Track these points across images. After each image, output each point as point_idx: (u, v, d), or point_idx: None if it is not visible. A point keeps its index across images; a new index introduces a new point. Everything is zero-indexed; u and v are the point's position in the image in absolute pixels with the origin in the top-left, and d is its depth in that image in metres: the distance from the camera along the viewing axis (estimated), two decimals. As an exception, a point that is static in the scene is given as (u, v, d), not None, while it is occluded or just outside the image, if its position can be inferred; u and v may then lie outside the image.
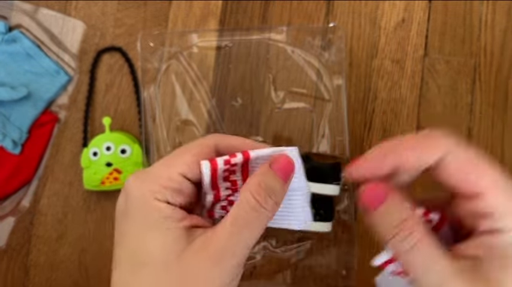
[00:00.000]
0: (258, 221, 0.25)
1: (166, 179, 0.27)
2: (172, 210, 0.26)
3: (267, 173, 0.26)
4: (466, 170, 0.25)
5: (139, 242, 0.26)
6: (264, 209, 0.25)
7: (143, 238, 0.26)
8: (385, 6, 0.55)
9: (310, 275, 0.54)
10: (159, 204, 0.26)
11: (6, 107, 0.54)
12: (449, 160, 0.25)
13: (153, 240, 0.26)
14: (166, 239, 0.26)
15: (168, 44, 0.55)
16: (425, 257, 0.24)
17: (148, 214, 0.26)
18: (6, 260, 0.55)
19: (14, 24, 0.55)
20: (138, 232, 0.26)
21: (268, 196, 0.25)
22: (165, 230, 0.26)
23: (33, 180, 0.55)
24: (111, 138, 0.53)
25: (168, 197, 0.26)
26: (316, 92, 0.54)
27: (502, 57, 0.55)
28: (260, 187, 0.25)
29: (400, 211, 0.25)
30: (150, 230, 0.26)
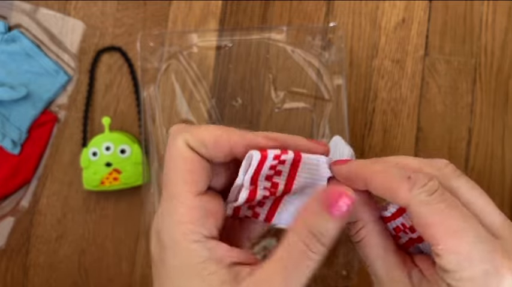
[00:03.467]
0: (307, 267, 0.24)
1: (188, 210, 0.24)
2: (210, 250, 0.23)
3: (318, 214, 0.24)
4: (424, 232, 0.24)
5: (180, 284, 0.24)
6: (312, 253, 0.24)
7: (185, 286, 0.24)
8: (385, 6, 0.55)
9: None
10: (195, 247, 0.23)
11: (5, 107, 0.54)
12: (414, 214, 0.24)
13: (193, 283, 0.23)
14: (210, 286, 0.23)
15: (167, 44, 0.55)
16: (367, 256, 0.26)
17: (186, 261, 0.23)
18: (5, 260, 0.55)
19: (14, 24, 0.55)
20: (178, 281, 0.24)
21: (316, 238, 0.24)
22: (208, 276, 0.23)
23: (33, 180, 0.55)
24: (110, 138, 0.53)
25: (203, 231, 0.24)
26: (316, 92, 0.54)
27: (503, 57, 0.55)
28: (309, 231, 0.24)
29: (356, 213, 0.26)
30: (192, 278, 0.23)
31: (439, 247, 0.23)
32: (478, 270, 0.22)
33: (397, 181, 0.24)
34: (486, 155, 0.54)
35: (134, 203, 0.54)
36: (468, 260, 0.22)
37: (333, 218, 0.23)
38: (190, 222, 0.23)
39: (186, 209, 0.24)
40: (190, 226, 0.23)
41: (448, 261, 0.23)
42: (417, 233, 0.27)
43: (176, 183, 0.24)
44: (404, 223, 0.27)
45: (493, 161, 0.54)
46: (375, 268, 0.26)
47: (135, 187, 0.53)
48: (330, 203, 0.23)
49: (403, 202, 0.24)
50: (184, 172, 0.24)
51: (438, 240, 0.23)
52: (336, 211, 0.23)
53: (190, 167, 0.24)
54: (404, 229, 0.27)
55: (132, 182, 0.53)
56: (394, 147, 0.54)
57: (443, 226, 0.23)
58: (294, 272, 0.23)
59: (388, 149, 0.54)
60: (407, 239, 0.27)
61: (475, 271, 0.22)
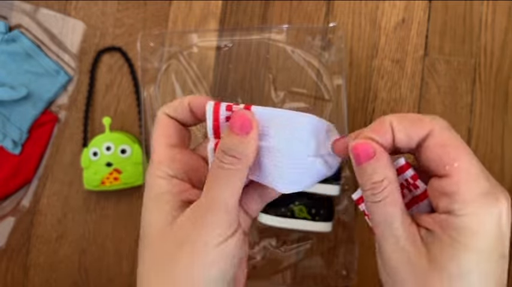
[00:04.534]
0: (226, 177, 0.28)
1: (157, 155, 0.30)
2: (171, 185, 0.29)
3: (225, 133, 0.29)
4: (443, 151, 0.27)
5: (145, 217, 0.30)
6: (226, 164, 0.28)
7: (148, 212, 0.30)
8: (385, 6, 0.55)
9: (310, 275, 0.54)
10: (159, 180, 0.29)
11: (6, 107, 0.54)
12: (433, 139, 0.28)
13: (152, 212, 0.29)
14: (162, 210, 0.29)
15: (168, 44, 0.55)
16: (388, 214, 0.27)
17: (151, 191, 0.30)
18: (6, 260, 0.55)
19: (14, 24, 0.55)
20: (145, 208, 0.30)
21: (225, 153, 0.28)
22: (163, 203, 0.29)
23: (33, 180, 0.55)
24: (111, 138, 0.53)
25: (167, 170, 0.30)
26: (316, 92, 0.54)
27: (502, 58, 0.55)
28: (219, 147, 0.28)
29: (384, 171, 0.27)
30: (153, 204, 0.29)
31: (455, 165, 0.26)
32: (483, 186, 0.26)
33: (419, 115, 0.29)
34: (486, 154, 0.54)
35: (134, 203, 0.55)
36: (476, 179, 0.26)
37: (235, 133, 0.28)
38: (158, 162, 0.30)
39: (157, 154, 0.30)
40: (157, 165, 0.30)
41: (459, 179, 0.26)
42: (406, 199, 0.29)
43: (155, 140, 0.31)
44: (408, 179, 0.29)
45: (493, 160, 0.54)
46: (395, 225, 0.27)
47: (135, 186, 0.53)
48: (232, 124, 0.28)
49: (427, 128, 0.28)
50: (160, 131, 0.31)
51: (455, 157, 0.26)
52: (235, 127, 0.28)
53: (163, 126, 0.31)
54: (408, 186, 0.29)
55: (132, 182, 0.53)
56: (394, 147, 0.54)
57: (461, 148, 0.27)
58: (216, 184, 0.28)
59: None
60: (410, 199, 0.29)
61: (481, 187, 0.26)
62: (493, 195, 0.26)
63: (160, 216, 0.29)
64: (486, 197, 0.26)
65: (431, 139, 0.28)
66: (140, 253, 0.30)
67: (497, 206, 0.26)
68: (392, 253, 0.27)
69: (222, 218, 0.27)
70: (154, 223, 0.29)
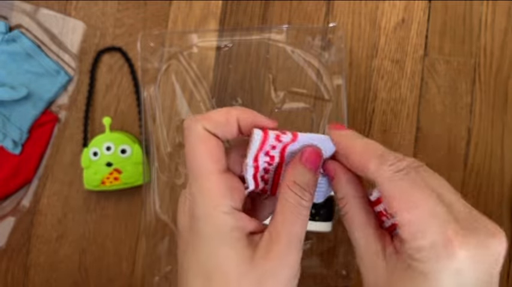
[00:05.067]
0: (302, 215, 0.28)
1: (215, 186, 0.27)
2: (236, 219, 0.27)
3: (298, 168, 0.28)
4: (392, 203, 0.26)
5: (211, 255, 0.27)
6: (303, 201, 0.28)
7: (215, 251, 0.27)
8: (385, 6, 0.55)
9: (310, 275, 0.54)
10: (224, 216, 0.27)
11: (6, 107, 0.54)
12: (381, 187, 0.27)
13: (224, 252, 0.27)
14: (236, 250, 0.27)
15: (168, 44, 0.55)
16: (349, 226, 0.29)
17: (218, 229, 0.27)
18: (6, 260, 0.55)
19: (14, 24, 0.55)
20: (209, 246, 0.27)
21: (303, 189, 0.28)
22: (234, 241, 0.27)
23: (33, 180, 0.55)
24: (111, 138, 0.53)
25: (230, 203, 0.28)
26: (316, 92, 0.54)
27: (502, 58, 0.55)
28: (296, 183, 0.28)
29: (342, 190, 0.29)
30: (221, 243, 0.27)
31: (397, 219, 0.26)
32: (430, 241, 0.24)
33: (370, 155, 0.28)
34: (485, 154, 0.54)
35: (135, 203, 0.55)
36: (421, 232, 0.25)
37: (308, 169, 0.28)
38: (219, 196, 0.27)
39: (214, 184, 0.27)
40: (220, 199, 0.27)
41: (404, 231, 0.25)
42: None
43: (201, 164, 0.28)
44: (386, 208, 0.29)
45: (492, 160, 0.54)
46: (355, 240, 0.29)
47: (135, 186, 0.53)
48: (304, 158, 0.28)
49: (372, 176, 0.27)
50: (207, 153, 0.28)
51: (397, 212, 0.26)
52: (307, 163, 0.28)
53: (211, 148, 0.28)
54: (386, 214, 0.29)
55: (132, 182, 0.53)
56: (394, 147, 0.54)
57: (402, 200, 0.26)
58: (294, 223, 0.27)
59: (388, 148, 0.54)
60: (390, 224, 0.30)
61: (427, 242, 0.24)
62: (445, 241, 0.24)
63: (235, 255, 0.27)
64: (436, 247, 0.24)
65: (379, 187, 0.27)
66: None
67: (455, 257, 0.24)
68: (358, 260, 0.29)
69: (296, 255, 0.28)
70: (229, 263, 0.27)
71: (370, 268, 0.28)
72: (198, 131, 0.28)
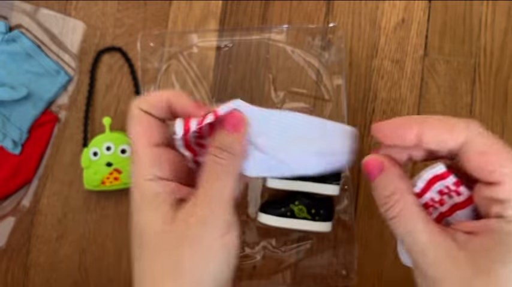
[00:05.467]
0: (224, 173, 0.28)
1: (142, 157, 0.29)
2: (161, 186, 0.29)
3: (219, 132, 0.29)
4: (487, 159, 0.26)
5: (140, 218, 0.29)
6: (222, 160, 0.28)
7: (144, 213, 0.29)
8: (385, 6, 0.55)
9: (310, 275, 0.54)
10: (149, 183, 0.29)
11: (6, 107, 0.54)
12: (471, 147, 0.26)
13: (149, 215, 0.29)
14: (159, 210, 0.29)
15: (168, 44, 0.55)
16: (407, 229, 0.26)
17: (143, 193, 0.29)
18: (6, 260, 0.55)
19: (14, 24, 0.55)
20: (138, 209, 0.29)
21: (221, 149, 0.28)
22: (158, 204, 0.29)
23: (33, 180, 0.55)
24: (111, 138, 0.53)
25: (156, 172, 0.29)
26: (316, 92, 0.54)
27: (502, 58, 0.55)
28: (214, 145, 0.29)
29: (393, 184, 0.27)
30: (147, 208, 0.29)
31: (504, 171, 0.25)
32: None
33: (453, 121, 0.27)
34: (485, 155, 0.54)
35: (135, 203, 0.55)
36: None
37: (227, 132, 0.29)
38: (144, 165, 0.29)
39: (141, 156, 0.29)
40: (144, 168, 0.29)
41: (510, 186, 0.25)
42: (446, 205, 0.28)
43: (134, 139, 0.30)
44: (433, 197, 0.28)
45: (492, 161, 0.54)
46: (416, 238, 0.26)
47: (135, 186, 0.53)
48: (226, 123, 0.29)
49: (461, 138, 0.26)
50: (139, 129, 0.30)
51: (501, 164, 0.25)
52: (227, 125, 0.29)
53: (143, 125, 0.30)
54: (434, 204, 0.28)
55: (132, 182, 0.53)
56: (394, 147, 0.54)
57: (504, 153, 0.25)
58: (215, 180, 0.28)
59: (388, 149, 0.54)
60: (437, 215, 0.28)
61: None
62: None
63: (158, 215, 0.29)
64: None
65: (469, 147, 0.26)
66: (139, 252, 0.29)
67: None
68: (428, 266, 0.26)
69: (221, 212, 0.28)
70: (153, 223, 0.29)
71: (443, 263, 0.25)
72: (133, 110, 0.31)
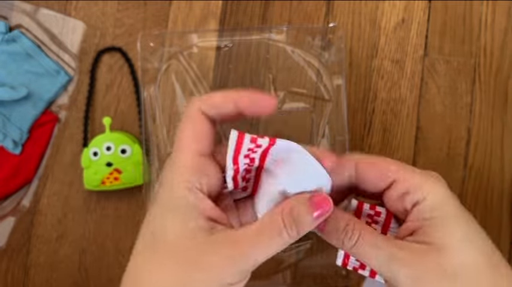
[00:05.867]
0: (277, 243, 0.28)
1: (187, 163, 0.28)
2: (196, 198, 0.28)
3: (303, 204, 0.28)
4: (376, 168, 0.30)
5: (161, 222, 0.28)
6: (287, 236, 0.28)
7: (166, 219, 0.28)
8: (385, 6, 0.55)
9: (310, 275, 0.54)
10: (186, 192, 0.27)
11: (6, 107, 0.54)
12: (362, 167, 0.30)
13: (173, 223, 0.27)
14: (186, 225, 0.27)
15: (168, 44, 0.55)
16: (370, 246, 0.28)
17: (174, 199, 0.28)
18: (6, 260, 0.55)
19: (14, 24, 0.55)
20: (162, 214, 0.28)
21: (295, 225, 0.27)
22: (187, 216, 0.27)
23: (34, 180, 0.55)
24: (111, 138, 0.53)
25: (196, 183, 0.28)
26: (316, 92, 0.54)
27: (502, 58, 0.55)
28: (291, 214, 0.28)
29: (343, 217, 0.30)
30: (173, 214, 0.27)
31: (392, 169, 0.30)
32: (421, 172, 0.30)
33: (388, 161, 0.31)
34: (485, 154, 0.54)
35: (135, 203, 0.55)
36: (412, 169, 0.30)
37: (313, 215, 0.28)
38: (188, 173, 0.28)
39: (186, 161, 0.28)
40: (187, 175, 0.28)
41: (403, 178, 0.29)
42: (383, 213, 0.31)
43: (183, 140, 0.28)
44: (369, 213, 0.31)
45: (492, 160, 0.54)
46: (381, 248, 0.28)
47: (135, 186, 0.53)
48: (316, 204, 0.28)
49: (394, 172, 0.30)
50: (191, 131, 0.28)
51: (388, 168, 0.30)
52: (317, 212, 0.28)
53: (197, 128, 0.28)
54: (373, 217, 0.31)
55: (132, 182, 0.53)
56: (394, 147, 0.54)
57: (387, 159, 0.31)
58: (264, 244, 0.27)
59: (388, 149, 0.54)
60: (381, 228, 0.31)
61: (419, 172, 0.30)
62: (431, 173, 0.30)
63: (183, 230, 0.27)
64: (428, 176, 0.29)
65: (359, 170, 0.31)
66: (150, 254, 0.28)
67: (439, 179, 0.30)
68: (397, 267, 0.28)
69: (249, 270, 0.28)
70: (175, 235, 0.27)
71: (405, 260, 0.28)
72: (191, 110, 0.29)
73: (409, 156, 0.54)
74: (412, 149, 0.54)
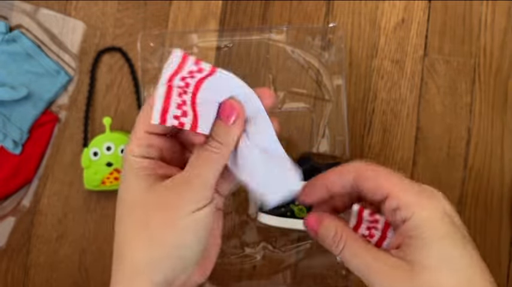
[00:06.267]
0: (210, 159, 0.30)
1: (137, 138, 0.32)
2: (147, 162, 0.31)
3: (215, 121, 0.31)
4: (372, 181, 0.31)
5: (122, 185, 0.32)
6: (212, 147, 0.30)
7: (126, 181, 0.31)
8: (385, 6, 0.55)
9: (310, 275, 0.54)
10: (135, 159, 0.31)
11: (6, 107, 0.54)
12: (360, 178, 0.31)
13: (131, 181, 0.31)
14: (141, 179, 0.31)
15: (168, 44, 0.55)
16: (351, 255, 0.31)
17: (129, 167, 0.31)
18: (6, 260, 0.55)
19: (15, 25, 0.55)
20: (123, 179, 0.32)
21: (212, 138, 0.30)
22: (142, 173, 0.31)
23: (34, 180, 0.55)
24: (111, 138, 0.53)
25: (143, 152, 0.31)
26: (316, 92, 0.54)
27: (502, 58, 0.55)
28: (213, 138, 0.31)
29: (334, 226, 0.32)
30: (131, 178, 0.31)
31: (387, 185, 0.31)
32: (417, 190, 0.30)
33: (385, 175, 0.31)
34: (485, 154, 0.54)
35: (135, 203, 0.55)
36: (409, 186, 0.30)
37: (221, 122, 0.30)
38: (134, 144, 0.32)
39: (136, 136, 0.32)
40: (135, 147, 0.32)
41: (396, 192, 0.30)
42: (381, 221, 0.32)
43: (137, 122, 0.33)
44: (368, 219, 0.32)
45: (492, 160, 0.54)
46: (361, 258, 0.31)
47: (135, 186, 0.53)
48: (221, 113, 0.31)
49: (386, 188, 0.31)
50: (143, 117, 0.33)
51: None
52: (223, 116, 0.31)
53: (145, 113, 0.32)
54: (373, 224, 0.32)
55: (132, 182, 0.53)
56: (394, 147, 0.54)
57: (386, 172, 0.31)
58: (201, 165, 0.30)
59: (388, 149, 0.54)
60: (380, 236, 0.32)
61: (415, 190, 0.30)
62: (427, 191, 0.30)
63: (138, 183, 0.31)
64: (422, 194, 0.30)
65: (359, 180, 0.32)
66: (117, 217, 0.32)
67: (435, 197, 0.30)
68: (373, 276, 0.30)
69: (199, 191, 0.30)
70: (132, 190, 0.31)
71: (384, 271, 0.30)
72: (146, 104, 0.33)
73: (409, 156, 0.54)
74: (412, 149, 0.54)
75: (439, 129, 0.55)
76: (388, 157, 0.54)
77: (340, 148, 0.53)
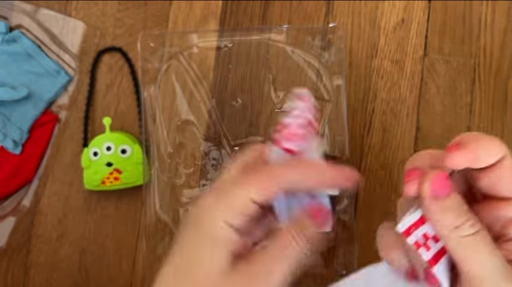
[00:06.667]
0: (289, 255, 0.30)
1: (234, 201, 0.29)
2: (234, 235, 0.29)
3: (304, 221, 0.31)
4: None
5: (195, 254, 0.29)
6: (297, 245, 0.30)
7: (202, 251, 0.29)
8: (384, 6, 0.55)
9: (310, 275, 0.54)
10: (224, 226, 0.29)
11: (6, 107, 0.54)
12: (505, 163, 0.26)
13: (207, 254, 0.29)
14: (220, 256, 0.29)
15: (168, 44, 0.55)
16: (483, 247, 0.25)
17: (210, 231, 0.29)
18: (6, 260, 0.55)
19: (15, 25, 0.55)
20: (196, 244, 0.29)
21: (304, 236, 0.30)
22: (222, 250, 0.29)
23: (34, 180, 0.55)
24: (111, 138, 0.53)
25: (234, 221, 0.29)
26: (316, 92, 0.54)
27: (502, 58, 0.55)
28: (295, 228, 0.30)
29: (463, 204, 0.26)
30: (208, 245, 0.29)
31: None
32: None
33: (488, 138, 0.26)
34: (485, 155, 0.54)
35: (135, 203, 0.55)
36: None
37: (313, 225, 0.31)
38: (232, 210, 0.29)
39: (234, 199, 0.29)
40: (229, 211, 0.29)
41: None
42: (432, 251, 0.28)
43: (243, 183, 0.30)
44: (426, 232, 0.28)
45: (492, 160, 0.54)
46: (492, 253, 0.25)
47: (135, 186, 0.53)
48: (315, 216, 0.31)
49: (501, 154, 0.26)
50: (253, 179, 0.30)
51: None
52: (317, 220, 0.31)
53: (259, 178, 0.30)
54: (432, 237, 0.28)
55: (132, 182, 0.53)
56: (394, 147, 0.54)
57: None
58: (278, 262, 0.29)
59: (388, 149, 0.54)
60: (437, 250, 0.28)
61: None
62: None
63: (216, 261, 0.29)
64: None
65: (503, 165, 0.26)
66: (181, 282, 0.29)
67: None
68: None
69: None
70: (207, 266, 0.29)
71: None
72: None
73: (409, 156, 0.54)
74: (412, 149, 0.54)
75: (439, 129, 0.55)
76: (388, 156, 0.54)
77: (340, 148, 0.53)
